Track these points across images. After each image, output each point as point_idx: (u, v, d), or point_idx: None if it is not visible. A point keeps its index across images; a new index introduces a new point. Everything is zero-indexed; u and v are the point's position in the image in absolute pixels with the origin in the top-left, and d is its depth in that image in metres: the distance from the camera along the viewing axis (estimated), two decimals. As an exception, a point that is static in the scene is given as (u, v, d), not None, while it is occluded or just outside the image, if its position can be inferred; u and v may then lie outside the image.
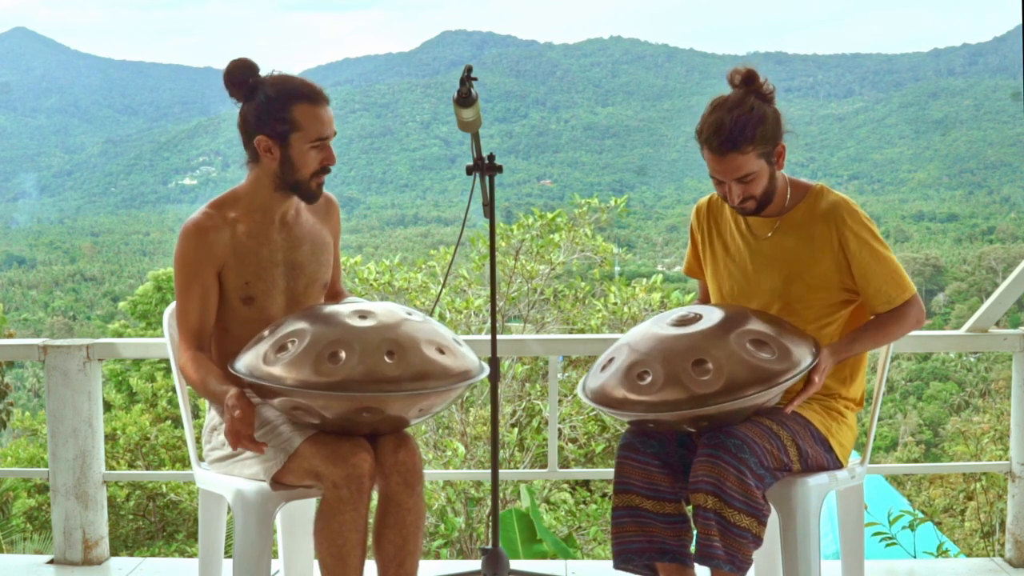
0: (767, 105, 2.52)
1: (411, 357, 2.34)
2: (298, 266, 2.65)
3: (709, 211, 2.75)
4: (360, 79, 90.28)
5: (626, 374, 2.42)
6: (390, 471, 2.46)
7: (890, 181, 64.64)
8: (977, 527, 7.16)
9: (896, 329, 2.58)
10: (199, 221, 2.56)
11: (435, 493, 7.31)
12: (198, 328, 2.57)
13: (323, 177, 2.59)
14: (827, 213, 2.56)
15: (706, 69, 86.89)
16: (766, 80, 2.53)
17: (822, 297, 2.58)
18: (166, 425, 11.17)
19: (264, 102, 2.53)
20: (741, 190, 2.52)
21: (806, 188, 2.62)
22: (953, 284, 37.49)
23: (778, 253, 2.60)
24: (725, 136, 2.46)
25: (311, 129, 2.53)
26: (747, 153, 2.47)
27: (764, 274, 2.61)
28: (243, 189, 2.63)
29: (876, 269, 2.54)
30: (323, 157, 2.56)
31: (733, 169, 2.49)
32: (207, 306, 2.57)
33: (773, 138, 2.51)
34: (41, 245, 55.74)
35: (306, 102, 2.53)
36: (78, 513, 3.39)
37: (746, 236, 2.65)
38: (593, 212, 8.74)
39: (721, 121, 2.47)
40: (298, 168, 2.55)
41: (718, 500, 2.34)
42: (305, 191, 2.59)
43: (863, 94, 79.27)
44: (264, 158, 2.56)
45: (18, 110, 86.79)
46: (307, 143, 2.54)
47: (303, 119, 2.52)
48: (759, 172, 2.50)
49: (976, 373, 22.48)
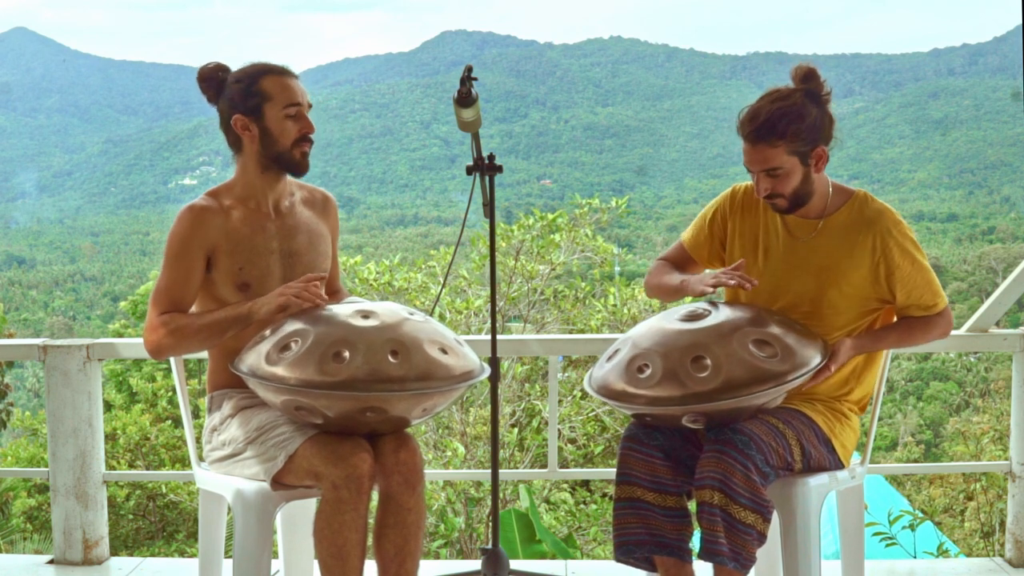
0: (816, 106, 2.49)
1: (415, 357, 2.34)
2: (295, 254, 2.66)
3: (745, 198, 2.68)
4: (360, 79, 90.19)
5: (627, 367, 2.43)
6: (391, 471, 2.46)
7: (890, 181, 64.61)
8: (977, 527, 7.16)
9: (922, 335, 2.59)
10: (195, 204, 2.61)
11: (435, 493, 7.31)
12: (175, 302, 2.56)
13: (306, 147, 2.62)
14: (872, 221, 2.55)
15: (706, 69, 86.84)
16: (824, 81, 2.52)
17: (854, 304, 2.57)
18: (166, 425, 11.17)
19: (232, 84, 2.60)
20: (769, 184, 2.50)
21: (849, 193, 2.60)
22: (953, 284, 37.43)
23: (815, 256, 2.57)
24: (758, 125, 2.46)
25: (281, 96, 2.58)
26: (777, 147, 2.45)
27: (796, 276, 2.59)
28: (234, 180, 2.66)
29: (916, 279, 2.55)
30: (301, 126, 2.60)
31: (761, 160, 2.47)
32: (188, 286, 2.57)
33: (811, 139, 2.48)
34: (41, 245, 55.70)
35: (272, 74, 2.60)
36: (78, 513, 3.39)
37: (783, 235, 2.61)
38: (593, 212, 8.74)
39: (759, 110, 2.47)
40: (277, 139, 2.59)
41: (724, 496, 2.34)
42: (289, 162, 2.62)
43: (863, 94, 79.21)
44: (244, 137, 2.60)
45: (18, 110, 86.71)
46: (280, 110, 2.58)
47: (271, 89, 2.58)
48: (789, 170, 2.48)
49: (976, 373, 22.47)
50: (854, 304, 2.57)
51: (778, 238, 2.62)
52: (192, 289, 2.58)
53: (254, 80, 2.59)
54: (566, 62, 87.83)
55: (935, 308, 2.58)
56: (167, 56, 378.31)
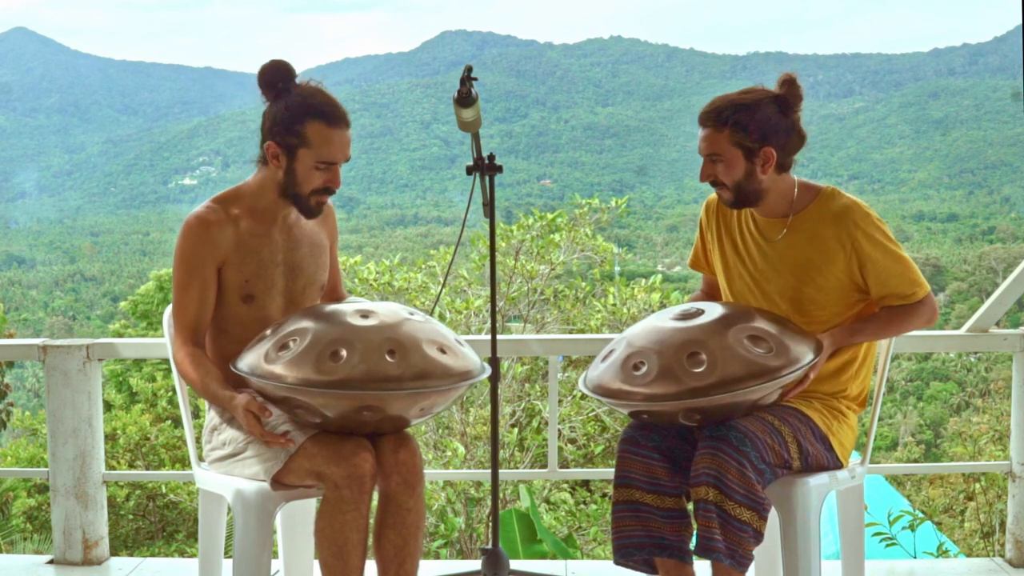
0: (778, 110, 2.52)
1: (412, 356, 2.34)
2: (297, 267, 2.65)
3: (719, 208, 2.74)
4: (360, 79, 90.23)
5: (623, 365, 2.44)
6: (391, 471, 2.46)
7: (890, 181, 64.63)
8: (977, 527, 7.16)
9: (904, 324, 2.57)
10: (202, 215, 2.55)
11: (435, 493, 7.31)
12: (195, 323, 2.57)
13: (325, 197, 2.57)
14: (838, 216, 2.55)
15: (706, 69, 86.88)
16: (797, 90, 2.54)
17: (834, 299, 2.58)
18: (166, 425, 11.17)
19: (282, 110, 2.51)
20: (711, 170, 2.56)
21: (816, 190, 2.62)
22: (953, 284, 37.45)
23: (789, 255, 2.59)
24: (709, 109, 2.54)
25: (320, 150, 2.50)
26: (721, 132, 2.51)
27: (774, 275, 2.61)
28: (248, 187, 2.62)
29: (892, 268, 2.54)
30: (327, 179, 2.54)
31: (704, 143, 2.55)
32: (205, 301, 2.57)
33: (758, 136, 2.50)
34: (41, 245, 55.72)
35: (322, 121, 2.49)
36: (78, 513, 3.39)
37: (756, 237, 2.64)
38: (593, 212, 8.74)
39: (720, 98, 2.54)
40: (300, 183, 2.53)
41: (719, 493, 2.34)
42: (303, 206, 2.57)
43: (863, 94, 79.24)
44: (271, 164, 2.56)
45: (18, 110, 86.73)
46: (313, 162, 2.51)
47: (314, 137, 2.50)
48: (730, 160, 2.52)
49: (976, 373, 22.48)
50: (834, 298, 2.58)
51: (752, 240, 2.65)
52: (209, 304, 2.58)
53: (301, 119, 2.48)
54: (566, 62, 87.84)
55: (913, 297, 2.55)
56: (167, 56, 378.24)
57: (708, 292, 2.87)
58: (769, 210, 2.61)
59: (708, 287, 2.87)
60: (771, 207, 2.60)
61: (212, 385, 2.49)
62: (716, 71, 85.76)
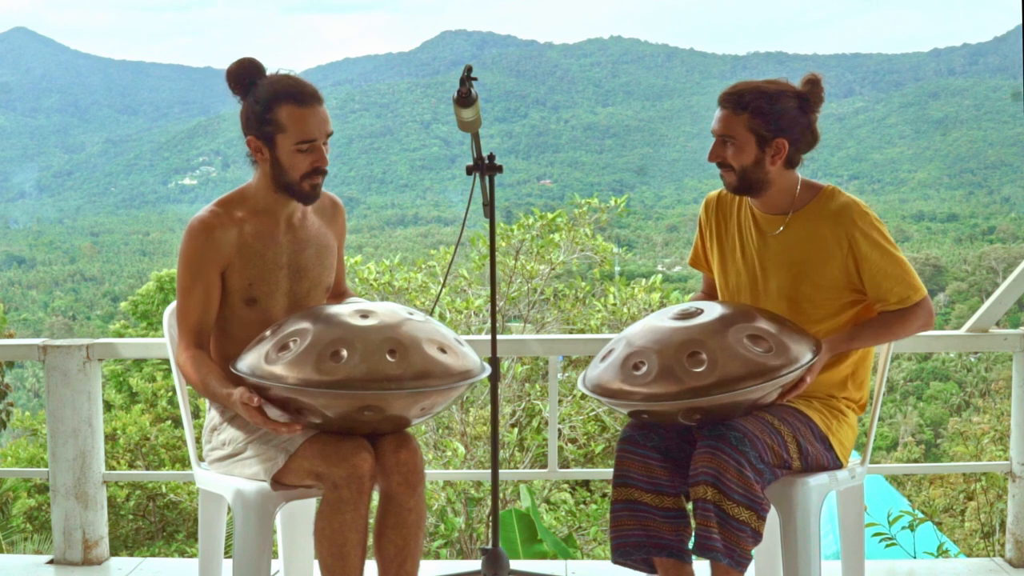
0: (797, 105, 2.54)
1: (413, 356, 2.34)
2: (302, 269, 2.65)
3: (718, 205, 2.75)
4: (360, 79, 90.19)
5: (622, 365, 2.44)
6: (391, 471, 2.46)
7: (890, 181, 64.61)
8: (977, 527, 7.16)
9: (901, 329, 2.57)
10: (206, 219, 2.54)
11: (435, 493, 7.32)
12: (198, 326, 2.56)
13: (318, 179, 2.54)
14: (837, 214, 2.56)
15: (706, 69, 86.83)
16: (820, 91, 2.57)
17: (831, 297, 2.58)
18: (166, 425, 11.17)
19: (252, 103, 2.52)
20: (721, 152, 2.57)
21: (817, 188, 2.63)
22: (953, 284, 37.44)
23: (786, 251, 2.60)
24: (731, 91, 2.56)
25: (295, 131, 2.49)
26: (739, 115, 2.53)
27: (772, 272, 2.61)
28: (250, 189, 2.61)
29: (888, 270, 2.53)
30: (313, 159, 2.52)
31: (719, 122, 2.57)
32: (209, 305, 2.56)
33: (773, 126, 2.52)
34: (41, 245, 55.69)
35: (291, 103, 2.49)
36: (78, 513, 3.39)
37: (754, 233, 2.65)
38: (593, 212, 8.74)
39: (744, 83, 2.57)
40: (287, 170, 2.52)
41: (717, 492, 2.34)
42: (298, 193, 2.56)
43: (863, 94, 79.22)
44: (257, 159, 2.56)
45: (18, 110, 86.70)
46: (292, 145, 2.50)
47: (287, 121, 2.49)
48: (741, 143, 2.54)
49: (976, 373, 22.49)
50: (830, 297, 2.58)
51: (751, 235, 2.66)
52: (212, 307, 2.57)
53: (270, 106, 2.48)
54: (566, 62, 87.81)
55: (910, 300, 2.54)
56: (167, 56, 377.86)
57: (708, 292, 2.87)
58: (769, 205, 2.61)
59: (708, 287, 2.87)
60: (772, 201, 2.61)
61: (213, 384, 2.48)
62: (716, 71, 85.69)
